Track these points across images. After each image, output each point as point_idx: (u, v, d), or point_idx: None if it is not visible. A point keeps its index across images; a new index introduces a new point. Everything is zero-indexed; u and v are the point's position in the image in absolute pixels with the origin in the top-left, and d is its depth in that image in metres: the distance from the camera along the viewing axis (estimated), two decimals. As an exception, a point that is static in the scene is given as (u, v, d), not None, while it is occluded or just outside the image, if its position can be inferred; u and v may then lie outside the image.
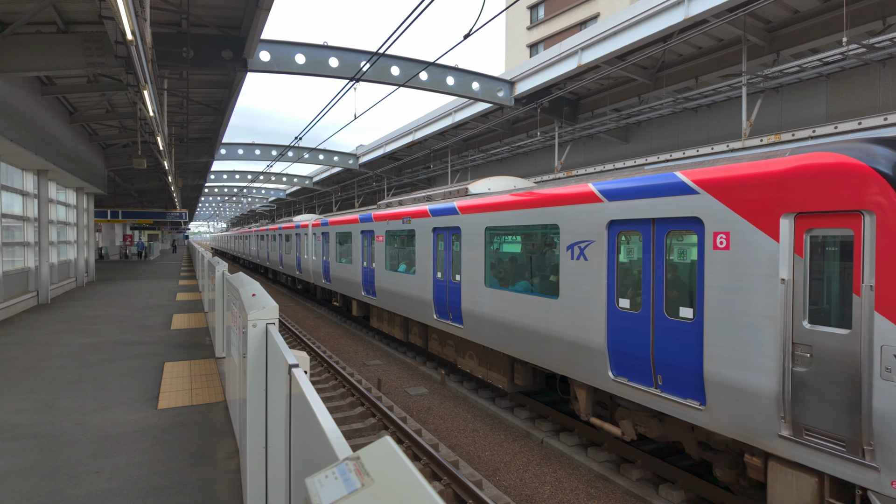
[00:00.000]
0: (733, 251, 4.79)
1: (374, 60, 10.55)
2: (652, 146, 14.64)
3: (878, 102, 9.68)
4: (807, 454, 4.24)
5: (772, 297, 4.47)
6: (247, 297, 3.90)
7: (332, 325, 17.76)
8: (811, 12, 9.99)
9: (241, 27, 10.64)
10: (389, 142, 23.54)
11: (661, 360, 5.54)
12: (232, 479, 4.40)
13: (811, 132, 8.91)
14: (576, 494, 6.30)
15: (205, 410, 6.14)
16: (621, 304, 6.06)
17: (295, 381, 2.23)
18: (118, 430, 5.47)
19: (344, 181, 33.75)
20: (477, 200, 9.05)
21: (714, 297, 4.96)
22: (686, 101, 12.14)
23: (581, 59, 12.57)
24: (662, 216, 5.51)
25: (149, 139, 15.69)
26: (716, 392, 4.92)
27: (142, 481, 4.33)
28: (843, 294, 4.13)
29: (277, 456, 3.24)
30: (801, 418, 4.29)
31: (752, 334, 4.62)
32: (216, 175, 34.28)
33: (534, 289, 7.87)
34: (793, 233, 4.39)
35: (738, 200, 4.78)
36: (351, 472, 1.00)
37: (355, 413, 8.82)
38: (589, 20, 34.05)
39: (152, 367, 8.05)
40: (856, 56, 8.89)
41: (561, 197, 7.01)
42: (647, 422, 6.20)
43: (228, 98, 15.11)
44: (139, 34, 5.89)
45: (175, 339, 10.10)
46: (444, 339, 10.88)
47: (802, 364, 4.29)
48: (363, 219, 14.36)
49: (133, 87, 9.16)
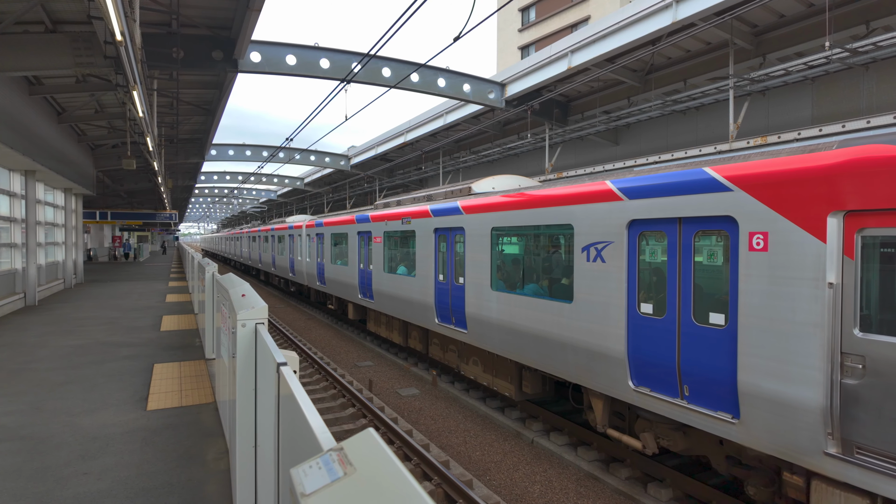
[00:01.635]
0: (772, 252, 4.46)
1: (366, 62, 10.58)
2: (641, 148, 14.77)
3: (862, 106, 9.84)
4: (859, 474, 3.92)
5: (817, 302, 4.13)
6: (236, 297, 3.91)
7: (323, 326, 17.73)
8: (796, 16, 10.14)
9: (231, 28, 10.63)
10: (381, 143, 23.56)
11: (688, 370, 5.19)
12: (222, 479, 4.40)
13: (797, 134, 9.04)
14: (565, 493, 6.34)
15: (194, 412, 6.12)
16: (643, 310, 5.70)
17: (283, 379, 2.25)
18: (107, 431, 5.45)
19: (335, 182, 33.72)
20: (482, 200, 8.68)
21: (750, 302, 4.62)
22: (675, 103, 12.26)
23: (571, 62, 12.67)
24: (690, 215, 5.18)
25: (138, 140, 15.60)
26: (751, 405, 4.59)
27: (131, 482, 4.32)
28: None
29: (267, 455, 3.25)
30: (852, 435, 3.97)
31: (794, 343, 4.28)
32: (206, 176, 34.14)
33: (545, 292, 7.48)
34: (842, 233, 4.05)
35: (777, 198, 4.42)
36: (334, 462, 1.03)
37: (346, 414, 8.82)
38: (580, 23, 34.27)
39: (141, 368, 8.01)
40: (839, 60, 9.04)
41: (576, 195, 6.60)
42: (670, 434, 5.87)
43: (219, 99, 15.07)
44: (128, 34, 5.88)
45: (165, 341, 10.05)
46: (445, 345, 10.54)
47: (853, 376, 3.96)
48: (360, 219, 14.04)
49: (122, 88, 9.13)
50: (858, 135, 4.33)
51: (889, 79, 9.44)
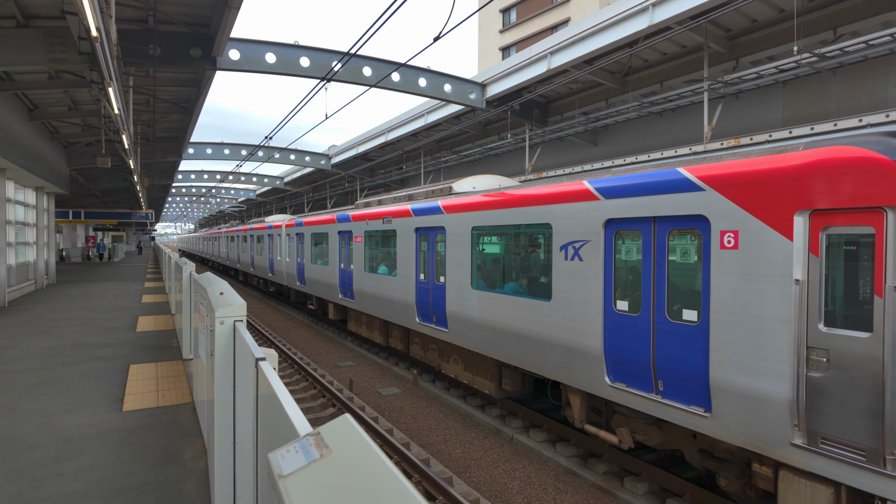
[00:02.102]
0: (742, 251, 4.59)
1: (346, 61, 10.56)
2: (620, 149, 14.99)
3: (831, 109, 10.15)
4: (823, 464, 4.06)
5: (785, 299, 4.27)
6: (214, 295, 3.90)
7: (303, 327, 17.61)
8: (768, 21, 10.42)
9: (210, 25, 10.52)
10: (362, 142, 23.49)
11: (662, 365, 5.31)
12: (200, 478, 4.37)
13: (768, 136, 9.28)
14: (544, 489, 6.43)
15: (172, 412, 6.06)
16: (619, 307, 5.82)
17: (262, 373, 2.27)
18: (82, 432, 5.37)
19: (316, 181, 33.49)
20: (463, 199, 8.74)
21: (721, 298, 4.74)
22: (651, 105, 12.49)
23: (551, 63, 12.81)
24: (664, 214, 5.30)
25: (113, 138, 15.30)
26: (723, 399, 4.72)
27: (107, 482, 4.27)
28: (864, 295, 3.95)
29: (246, 453, 3.26)
30: (817, 426, 4.11)
31: (763, 338, 4.41)
32: (184, 175, 33.61)
33: (524, 291, 7.56)
34: (808, 231, 4.19)
35: (748, 197, 4.55)
36: (311, 446, 1.06)
37: (327, 413, 8.80)
38: (560, 24, 34.60)
39: (117, 369, 7.89)
40: (809, 64, 9.31)
41: (554, 195, 6.71)
42: (645, 429, 6.00)
43: (197, 96, 14.86)
44: (104, 30, 5.80)
45: (141, 342, 9.90)
46: (426, 344, 10.58)
47: (818, 369, 4.09)
48: (340, 219, 13.98)
49: (97, 85, 8.97)
50: (825, 137, 4.50)
51: (855, 83, 9.75)
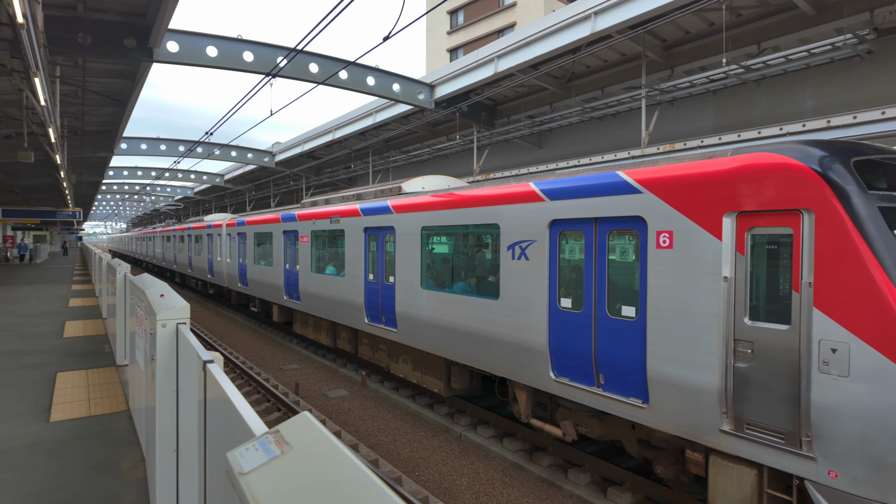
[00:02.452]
0: (676, 250, 4.84)
1: (292, 57, 10.36)
2: (564, 152, 15.44)
3: (756, 118, 10.86)
4: (747, 447, 4.35)
5: (715, 294, 4.53)
6: (154, 297, 3.76)
7: (246, 330, 17.10)
8: (700, 33, 11.03)
9: (146, 15, 10.03)
10: (308, 140, 23.02)
11: (603, 360, 5.53)
12: (139, 488, 4.19)
13: (700, 142, 9.84)
14: (491, 484, 6.56)
15: (105, 421, 5.76)
16: (563, 304, 6.02)
17: (210, 376, 2.22)
18: (5, 445, 5.02)
19: (259, 180, 32.53)
20: (412, 199, 8.77)
21: (657, 295, 4.99)
22: (593, 110, 12.94)
23: (497, 67, 13.03)
24: (605, 215, 5.51)
25: (37, 131, 14.31)
26: (659, 390, 4.95)
27: (36, 497, 4.02)
28: (783, 291, 4.23)
29: (190, 459, 3.17)
30: (743, 413, 4.38)
31: (695, 332, 4.66)
32: (116, 171, 31.84)
33: (473, 290, 7.69)
34: (735, 231, 4.47)
35: (681, 199, 4.81)
36: (271, 443, 1.08)
37: (272, 418, 8.61)
38: (506, 28, 35.19)
39: (43, 377, 7.41)
40: (735, 75, 9.93)
41: (501, 196, 6.88)
42: (587, 422, 6.22)
43: (131, 89, 14.12)
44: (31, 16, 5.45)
45: (69, 348, 9.33)
46: (375, 344, 10.50)
47: (744, 360, 4.37)
48: (285, 218, 13.67)
49: (20, 74, 8.38)
50: (750, 144, 4.86)
51: (777, 94, 10.49)
